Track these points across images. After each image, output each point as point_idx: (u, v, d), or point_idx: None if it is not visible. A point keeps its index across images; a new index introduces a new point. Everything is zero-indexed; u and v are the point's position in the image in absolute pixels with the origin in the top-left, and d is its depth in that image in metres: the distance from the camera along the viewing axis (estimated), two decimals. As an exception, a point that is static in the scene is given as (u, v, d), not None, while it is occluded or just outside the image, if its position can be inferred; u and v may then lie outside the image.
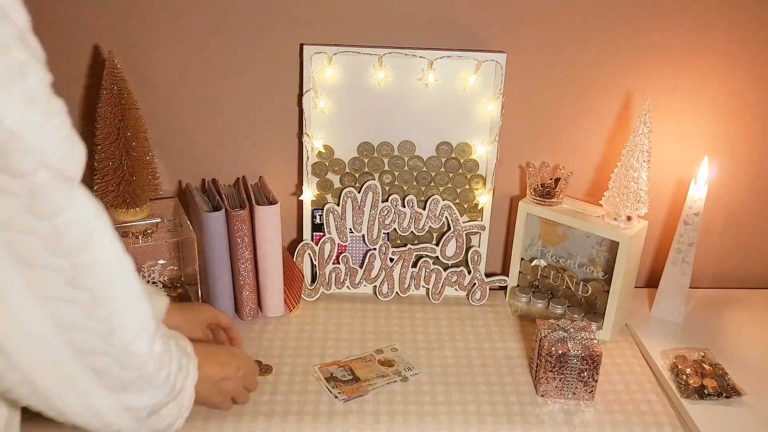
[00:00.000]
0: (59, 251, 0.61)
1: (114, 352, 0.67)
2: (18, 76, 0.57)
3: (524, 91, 1.28)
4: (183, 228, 1.24)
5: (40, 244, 0.60)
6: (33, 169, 0.59)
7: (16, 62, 0.57)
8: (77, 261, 0.62)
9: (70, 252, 0.62)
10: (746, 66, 1.28)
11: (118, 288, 0.66)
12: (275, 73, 1.26)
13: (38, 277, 0.61)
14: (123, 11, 1.20)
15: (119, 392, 0.70)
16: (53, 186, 0.60)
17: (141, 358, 0.70)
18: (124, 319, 0.67)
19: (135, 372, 0.70)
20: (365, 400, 1.07)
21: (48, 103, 0.61)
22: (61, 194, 0.61)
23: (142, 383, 0.72)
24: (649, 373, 1.16)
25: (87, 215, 0.63)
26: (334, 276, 1.34)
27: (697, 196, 1.22)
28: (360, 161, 1.28)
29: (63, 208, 0.61)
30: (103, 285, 0.65)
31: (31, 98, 0.59)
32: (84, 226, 0.63)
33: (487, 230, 1.32)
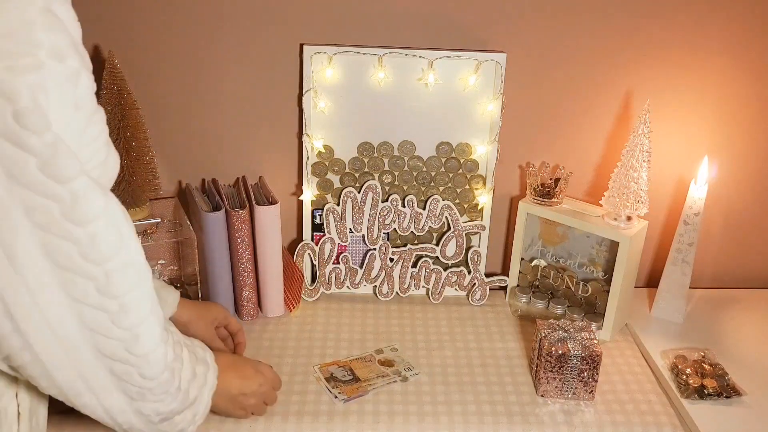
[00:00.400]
0: (93, 258, 0.63)
1: (135, 362, 0.69)
2: (72, 83, 0.60)
3: (524, 91, 1.28)
4: (183, 228, 1.24)
5: (75, 250, 0.62)
6: (75, 175, 0.60)
7: (71, 69, 0.59)
8: (109, 268, 0.64)
9: (102, 259, 0.63)
10: (746, 66, 1.28)
11: (141, 295, 0.68)
12: (275, 73, 1.26)
13: (71, 281, 0.63)
14: (123, 11, 1.20)
15: (136, 399, 0.72)
16: (91, 193, 0.62)
17: (159, 366, 0.72)
18: (147, 328, 0.69)
19: (153, 382, 0.72)
20: (365, 400, 1.07)
21: (93, 111, 0.64)
22: (97, 201, 0.62)
23: (158, 392, 0.73)
24: (649, 373, 1.16)
25: (119, 222, 0.65)
26: (334, 276, 1.34)
27: (697, 196, 1.22)
28: (360, 161, 1.28)
29: (98, 215, 0.62)
30: (131, 292, 0.66)
31: (78, 105, 0.61)
32: (117, 232, 0.64)
33: (487, 230, 1.32)
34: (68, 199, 0.60)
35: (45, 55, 0.57)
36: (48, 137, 0.58)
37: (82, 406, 0.71)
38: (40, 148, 0.58)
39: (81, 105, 0.61)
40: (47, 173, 0.59)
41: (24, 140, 0.57)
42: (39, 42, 0.57)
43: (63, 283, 0.63)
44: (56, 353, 0.65)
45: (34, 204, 0.60)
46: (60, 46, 0.58)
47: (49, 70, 0.58)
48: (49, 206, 0.60)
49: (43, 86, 0.57)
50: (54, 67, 0.58)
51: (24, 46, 0.56)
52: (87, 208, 0.62)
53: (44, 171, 0.59)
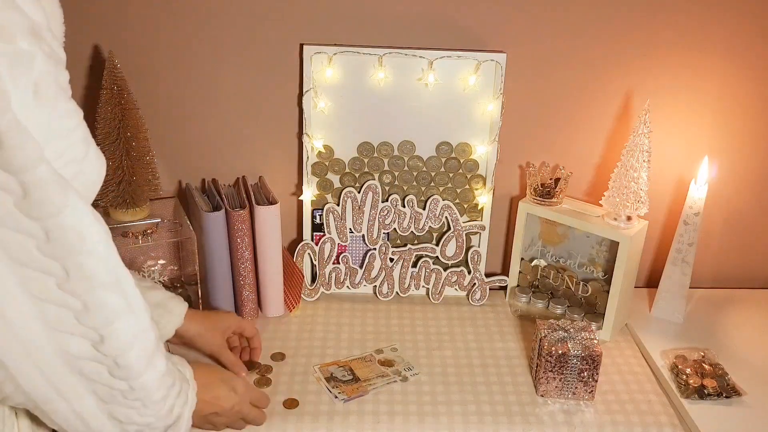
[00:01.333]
0: (52, 253, 0.60)
1: (105, 360, 0.66)
2: (24, 65, 0.56)
3: (524, 91, 1.28)
4: (183, 228, 1.24)
5: (32, 244, 0.59)
6: (30, 165, 0.57)
7: (21, 51, 0.56)
8: (69, 263, 0.61)
9: (62, 255, 0.61)
10: (746, 66, 1.28)
11: (110, 298, 0.65)
12: (275, 73, 1.26)
13: (30, 278, 0.61)
14: (123, 11, 1.20)
15: (108, 402, 0.69)
16: (49, 187, 0.58)
17: (132, 370, 0.68)
18: (115, 330, 0.66)
19: (124, 383, 0.69)
20: (365, 400, 1.07)
21: (57, 100, 0.60)
22: (56, 197, 0.59)
23: (131, 397, 0.70)
24: (649, 373, 1.16)
25: (82, 223, 0.61)
26: (334, 276, 1.34)
27: (697, 196, 1.22)
28: (360, 161, 1.28)
29: (57, 211, 0.59)
30: (95, 292, 0.64)
31: (37, 91, 0.57)
32: (78, 233, 0.61)
33: (487, 230, 1.32)
34: (19, 191, 0.57)
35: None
36: (2, 122, 0.55)
37: (53, 412, 0.68)
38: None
39: (41, 91, 0.57)
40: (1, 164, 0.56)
41: None
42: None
43: (22, 280, 0.60)
44: (22, 357, 0.63)
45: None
46: (7, 26, 0.55)
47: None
48: (2, 198, 0.57)
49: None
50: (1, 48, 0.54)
51: None
52: (44, 202, 0.58)
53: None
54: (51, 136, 0.59)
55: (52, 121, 0.59)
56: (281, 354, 1.16)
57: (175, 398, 0.76)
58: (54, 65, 0.59)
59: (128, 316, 0.67)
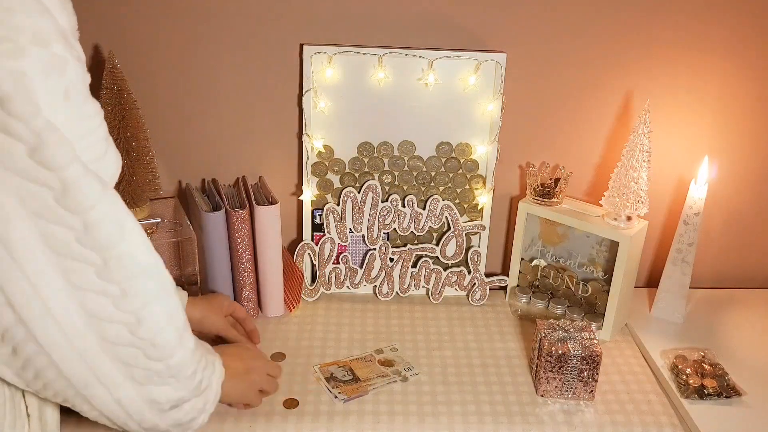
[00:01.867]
0: (90, 244, 0.63)
1: (141, 344, 0.69)
2: (58, 70, 0.59)
3: (524, 91, 1.28)
4: (183, 228, 1.24)
5: (72, 236, 0.62)
6: (67, 162, 0.60)
7: (56, 56, 0.59)
8: (107, 255, 0.64)
9: (101, 246, 0.64)
10: (747, 66, 1.28)
11: (145, 282, 0.68)
12: (275, 73, 1.26)
13: (70, 268, 0.63)
14: (123, 11, 1.20)
15: (144, 384, 0.72)
16: (85, 181, 0.62)
17: (167, 349, 0.72)
18: (152, 312, 0.69)
19: (160, 364, 0.72)
20: (365, 400, 1.07)
21: (84, 102, 0.64)
22: (92, 190, 0.62)
23: (166, 375, 0.73)
24: (649, 373, 1.16)
25: (117, 213, 0.65)
26: (334, 276, 1.34)
27: (697, 196, 1.22)
28: (360, 161, 1.28)
29: (94, 204, 0.63)
30: (132, 279, 0.67)
31: (68, 94, 0.60)
32: (115, 223, 0.65)
33: (487, 230, 1.32)
34: (59, 186, 0.60)
35: (27, 40, 0.57)
36: (37, 123, 0.58)
37: (92, 397, 0.70)
38: (27, 134, 0.58)
39: (71, 94, 0.61)
40: (37, 160, 0.59)
41: (11, 126, 0.57)
42: (20, 27, 0.56)
43: (63, 270, 0.63)
44: (61, 342, 0.66)
45: (28, 191, 0.60)
46: (43, 31, 0.58)
47: (32, 56, 0.57)
48: (41, 193, 0.60)
49: (26, 72, 0.57)
50: (37, 53, 0.57)
51: (4, 31, 0.56)
52: (82, 196, 0.62)
53: (34, 157, 0.59)
54: (77, 135, 0.62)
55: (78, 121, 0.62)
56: (281, 354, 1.16)
57: (203, 371, 0.80)
58: (81, 68, 0.63)
59: (162, 298, 0.71)
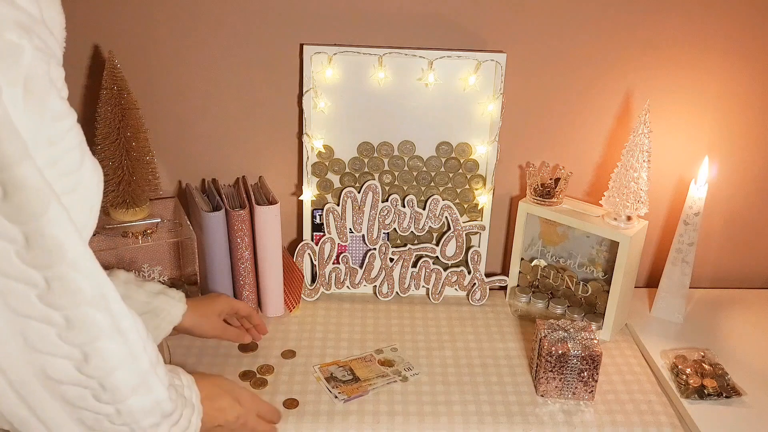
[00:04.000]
0: (32, 261, 0.57)
1: (88, 383, 0.62)
2: (11, 58, 0.53)
3: (524, 91, 1.28)
4: (183, 228, 1.24)
5: (12, 250, 0.56)
6: (14, 161, 0.53)
7: (9, 44, 0.53)
8: (50, 274, 0.58)
9: (43, 264, 0.57)
10: (747, 65, 1.28)
11: (93, 314, 0.61)
12: (275, 73, 1.26)
13: (11, 289, 0.57)
14: (123, 11, 1.20)
15: (95, 429, 0.65)
16: (31, 188, 0.55)
17: (119, 392, 0.64)
18: (101, 348, 0.62)
19: (110, 407, 0.65)
20: (365, 400, 1.07)
21: (49, 98, 0.56)
22: (37, 200, 0.55)
23: (118, 422, 0.66)
24: (649, 373, 1.16)
25: (64, 233, 0.57)
26: (334, 276, 1.34)
27: (697, 196, 1.22)
28: (360, 161, 1.28)
29: (38, 215, 0.56)
30: (77, 307, 0.60)
31: (27, 87, 0.54)
32: (58, 242, 0.57)
33: (487, 230, 1.32)
34: (1, 190, 0.54)
35: None
36: None
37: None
38: None
39: (31, 88, 0.54)
40: None
41: None
42: None
43: (4, 294, 0.57)
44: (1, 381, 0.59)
45: None
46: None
47: None
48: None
49: None
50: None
51: None
52: (27, 202, 0.54)
53: None
54: (42, 140, 0.56)
55: (43, 121, 0.56)
56: (292, 351, 1.17)
57: (170, 426, 0.71)
58: (46, 60, 0.56)
59: (114, 336, 0.63)
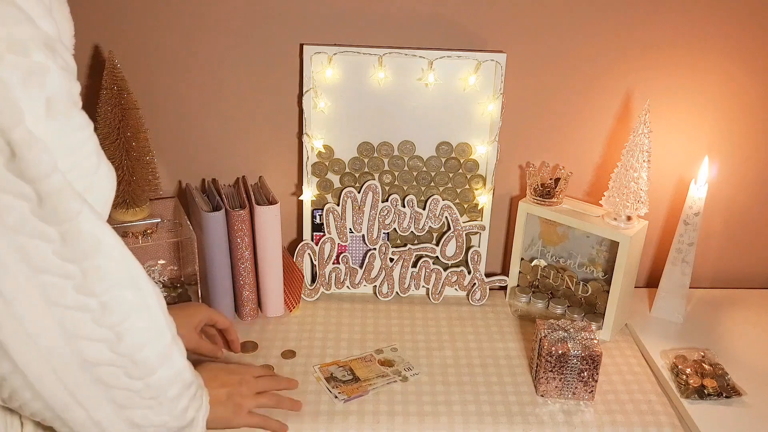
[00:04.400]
0: (68, 256, 0.61)
1: (121, 362, 0.67)
2: (38, 78, 0.57)
3: (524, 91, 1.28)
4: (183, 228, 1.24)
5: (49, 249, 0.60)
6: (46, 173, 0.58)
7: (36, 65, 0.57)
8: (86, 266, 0.62)
9: (79, 257, 0.62)
10: (746, 65, 1.28)
11: (125, 293, 0.66)
12: (275, 73, 1.26)
13: (48, 283, 0.61)
14: (123, 11, 1.20)
15: (126, 407, 0.70)
16: (63, 195, 0.59)
17: (147, 366, 0.69)
18: (132, 327, 0.67)
19: (140, 382, 0.69)
20: (365, 400, 1.07)
21: (71, 113, 0.61)
22: (71, 203, 0.60)
23: (147, 395, 0.70)
24: (649, 373, 1.16)
25: (97, 227, 0.63)
26: (334, 276, 1.34)
27: (697, 196, 1.22)
28: (360, 161, 1.28)
29: (73, 216, 0.60)
30: (111, 290, 0.64)
31: (50, 104, 0.58)
32: (93, 236, 0.62)
33: (487, 230, 1.32)
34: (36, 198, 0.58)
35: (3, 48, 0.54)
36: (15, 133, 0.55)
37: (71, 420, 0.68)
38: (2, 144, 0.56)
39: (54, 106, 0.58)
40: (14, 171, 0.57)
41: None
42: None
43: (39, 286, 0.61)
44: (37, 362, 0.63)
45: (3, 204, 0.57)
46: (21, 39, 0.55)
47: (9, 64, 0.55)
48: (18, 206, 0.58)
49: (3, 80, 0.54)
50: (13, 61, 0.55)
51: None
52: (59, 208, 0.59)
53: (10, 168, 0.56)
54: (63, 149, 0.60)
55: (64, 134, 0.60)
56: (291, 352, 1.17)
57: (190, 399, 0.77)
58: (68, 78, 0.60)
59: (143, 311, 0.68)
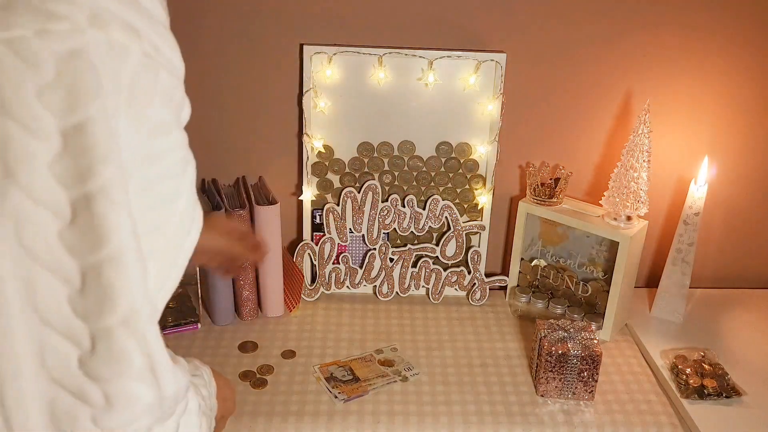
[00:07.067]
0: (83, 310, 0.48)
1: None
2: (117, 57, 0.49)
3: (524, 91, 1.28)
4: (183, 228, 1.24)
5: (64, 293, 0.48)
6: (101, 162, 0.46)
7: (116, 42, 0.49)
8: (98, 330, 0.49)
9: (93, 315, 0.48)
10: (746, 66, 1.28)
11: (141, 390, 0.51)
12: (275, 73, 1.26)
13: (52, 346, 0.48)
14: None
15: None
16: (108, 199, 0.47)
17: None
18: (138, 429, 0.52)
19: None
20: (365, 400, 1.07)
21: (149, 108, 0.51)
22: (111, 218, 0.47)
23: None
24: (649, 373, 1.16)
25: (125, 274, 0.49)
26: (334, 276, 1.34)
27: (697, 196, 1.22)
28: (360, 161, 1.28)
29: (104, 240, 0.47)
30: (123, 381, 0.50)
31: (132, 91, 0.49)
32: (112, 287, 0.48)
33: (487, 230, 1.32)
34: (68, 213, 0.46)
35: (84, 20, 0.46)
36: (72, 120, 0.45)
37: None
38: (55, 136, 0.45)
39: (133, 94, 0.49)
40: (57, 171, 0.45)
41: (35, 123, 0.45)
42: (79, 3, 0.46)
43: (41, 347, 0.48)
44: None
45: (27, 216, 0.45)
46: (102, 13, 0.48)
47: (86, 40, 0.46)
48: (46, 221, 0.46)
49: (76, 57, 0.46)
50: (92, 36, 0.47)
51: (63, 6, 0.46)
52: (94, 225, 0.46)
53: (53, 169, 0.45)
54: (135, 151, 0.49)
55: (139, 129, 0.50)
56: (292, 351, 1.17)
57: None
58: (154, 68, 0.51)
59: (155, 410, 0.53)
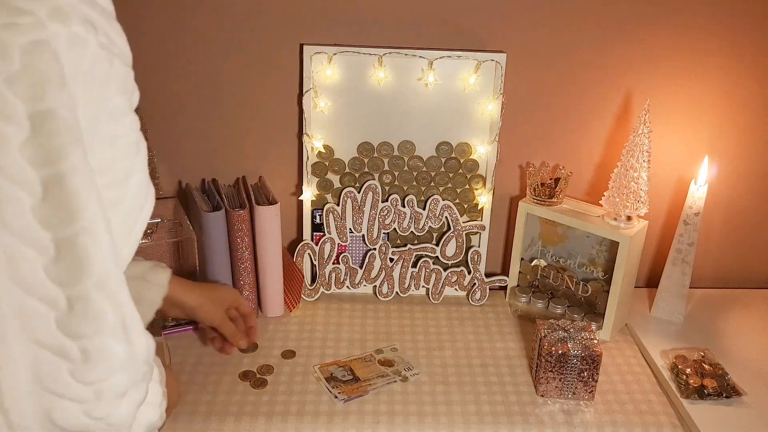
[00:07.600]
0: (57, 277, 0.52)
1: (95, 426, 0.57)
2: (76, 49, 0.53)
3: (524, 91, 1.28)
4: (183, 228, 1.24)
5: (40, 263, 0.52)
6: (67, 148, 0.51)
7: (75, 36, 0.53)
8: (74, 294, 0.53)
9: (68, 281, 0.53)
10: (746, 66, 1.28)
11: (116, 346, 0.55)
12: (275, 73, 1.26)
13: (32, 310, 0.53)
14: (122, 11, 1.20)
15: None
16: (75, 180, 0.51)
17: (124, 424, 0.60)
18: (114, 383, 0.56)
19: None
20: (365, 400, 1.07)
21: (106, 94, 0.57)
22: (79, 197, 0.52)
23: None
24: (649, 373, 1.16)
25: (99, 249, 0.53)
26: (334, 276, 1.34)
27: (697, 196, 1.22)
28: (360, 161, 1.28)
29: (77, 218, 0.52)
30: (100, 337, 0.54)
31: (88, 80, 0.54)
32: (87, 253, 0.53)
33: (487, 230, 1.32)
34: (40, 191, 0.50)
35: (45, 15, 0.51)
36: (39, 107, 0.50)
37: None
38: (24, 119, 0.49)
39: (91, 82, 0.53)
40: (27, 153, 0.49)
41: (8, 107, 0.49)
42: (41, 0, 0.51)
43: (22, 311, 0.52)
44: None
45: (4, 194, 0.49)
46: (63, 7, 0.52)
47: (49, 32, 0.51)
48: (20, 198, 0.50)
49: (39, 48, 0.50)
50: (54, 29, 0.51)
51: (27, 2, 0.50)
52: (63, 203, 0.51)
53: (24, 151, 0.49)
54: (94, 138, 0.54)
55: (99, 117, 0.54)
56: (292, 351, 1.17)
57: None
58: (108, 59, 0.57)
59: (129, 366, 0.57)
